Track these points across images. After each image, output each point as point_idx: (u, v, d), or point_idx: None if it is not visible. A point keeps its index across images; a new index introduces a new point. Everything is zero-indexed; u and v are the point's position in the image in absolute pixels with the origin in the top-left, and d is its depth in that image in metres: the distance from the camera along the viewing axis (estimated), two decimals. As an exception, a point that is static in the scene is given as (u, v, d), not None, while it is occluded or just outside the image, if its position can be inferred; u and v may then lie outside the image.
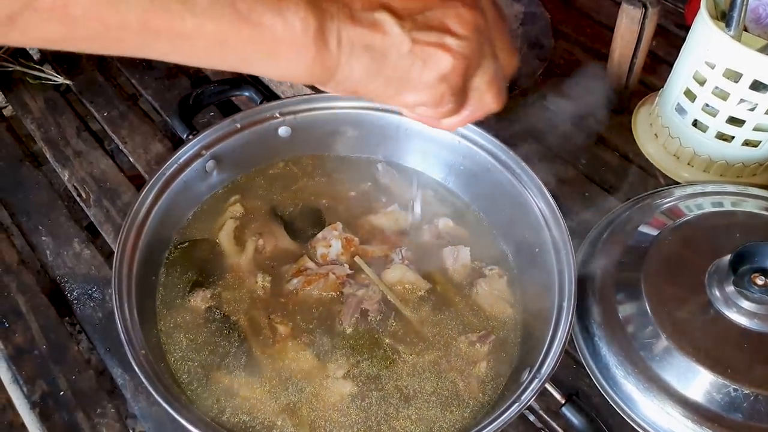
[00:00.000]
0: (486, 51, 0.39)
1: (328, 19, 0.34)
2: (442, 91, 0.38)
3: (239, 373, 0.60)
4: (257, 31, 0.33)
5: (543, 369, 0.54)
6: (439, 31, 0.36)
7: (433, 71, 0.37)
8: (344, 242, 0.68)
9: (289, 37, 0.34)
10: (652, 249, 0.68)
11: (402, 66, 0.37)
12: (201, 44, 0.33)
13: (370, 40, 0.35)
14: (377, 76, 0.37)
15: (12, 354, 0.68)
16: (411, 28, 0.36)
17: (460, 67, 0.37)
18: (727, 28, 0.73)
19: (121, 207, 0.80)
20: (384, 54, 0.36)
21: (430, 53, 0.36)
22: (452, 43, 0.37)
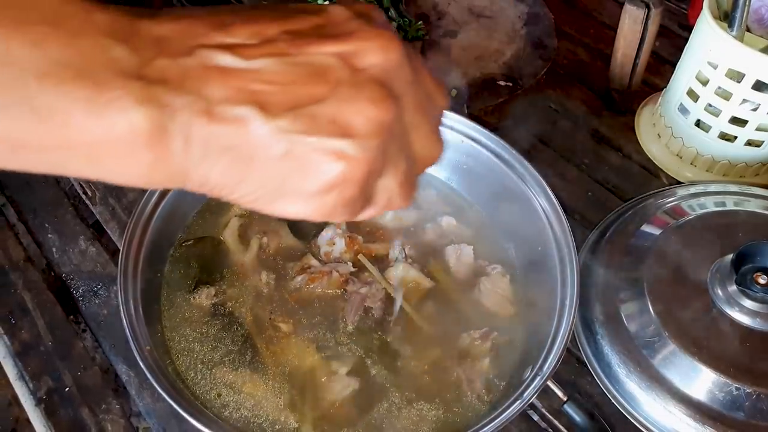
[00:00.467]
0: (395, 150, 0.30)
1: (169, 116, 0.26)
2: (332, 204, 0.29)
3: (243, 370, 0.61)
4: (62, 133, 0.25)
5: (545, 367, 0.54)
6: (329, 132, 0.28)
7: (316, 181, 0.28)
8: (348, 240, 0.69)
9: (111, 140, 0.26)
10: (654, 248, 0.68)
11: (275, 173, 0.28)
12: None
13: (230, 140, 0.27)
14: (244, 183, 0.28)
15: (18, 350, 0.69)
16: (288, 128, 0.27)
17: (356, 176, 0.29)
18: (730, 29, 0.73)
19: (126, 205, 0.81)
20: (249, 157, 0.28)
21: (312, 159, 0.28)
22: (346, 147, 0.28)
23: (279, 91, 0.27)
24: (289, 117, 0.27)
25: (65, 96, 0.25)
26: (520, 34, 0.96)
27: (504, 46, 0.94)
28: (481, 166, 0.72)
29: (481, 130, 0.71)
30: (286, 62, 0.28)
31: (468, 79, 0.89)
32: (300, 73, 0.28)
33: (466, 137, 0.72)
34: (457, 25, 0.98)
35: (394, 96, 0.29)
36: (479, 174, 0.72)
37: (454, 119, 0.72)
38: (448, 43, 0.95)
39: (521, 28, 0.97)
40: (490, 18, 0.99)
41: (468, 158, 0.73)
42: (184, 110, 0.26)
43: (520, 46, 0.94)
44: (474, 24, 0.98)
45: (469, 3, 1.01)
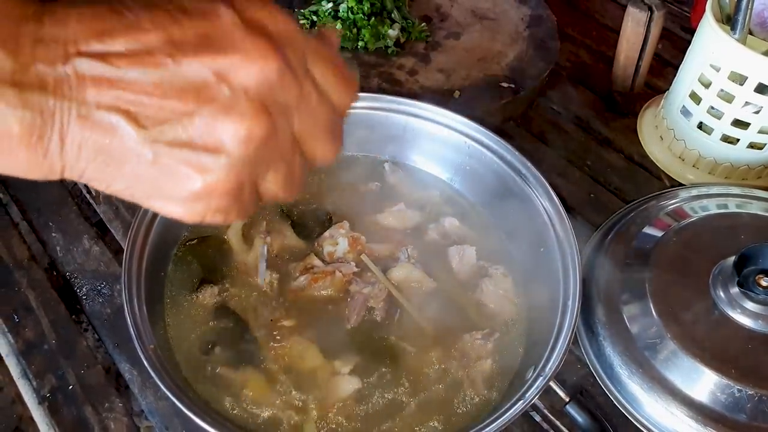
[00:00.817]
0: (274, 157, 0.32)
1: (46, 120, 0.28)
2: (202, 210, 0.31)
3: (246, 369, 0.61)
4: None
5: (547, 367, 0.55)
6: (195, 147, 0.29)
7: (183, 190, 0.30)
8: (351, 241, 0.69)
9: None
10: (656, 250, 0.68)
11: (145, 177, 0.30)
12: None
13: (102, 144, 0.29)
14: (117, 181, 0.30)
15: (22, 348, 0.69)
16: (157, 138, 0.29)
17: (220, 188, 0.30)
18: (732, 32, 0.73)
19: (130, 204, 0.79)
20: (121, 160, 0.29)
21: (178, 170, 0.30)
22: (209, 162, 0.30)
23: (151, 103, 0.29)
24: (157, 129, 0.29)
25: None
26: (523, 36, 0.96)
27: (507, 48, 0.94)
28: (484, 167, 0.72)
29: (483, 131, 0.71)
30: (162, 75, 0.29)
31: (471, 80, 0.89)
32: (174, 86, 0.29)
33: (469, 138, 0.72)
34: (460, 27, 0.98)
35: (269, 111, 0.30)
36: (482, 175, 0.73)
37: (457, 121, 0.73)
38: (451, 45, 0.95)
39: (524, 30, 0.97)
40: (493, 20, 0.99)
41: (471, 159, 0.73)
42: (59, 115, 0.28)
43: (523, 48, 0.94)
44: (477, 26, 0.98)
45: (472, 5, 1.02)
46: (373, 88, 0.87)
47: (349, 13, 0.92)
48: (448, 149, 0.74)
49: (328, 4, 0.94)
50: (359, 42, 0.91)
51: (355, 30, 0.92)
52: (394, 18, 0.94)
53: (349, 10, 0.92)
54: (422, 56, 0.93)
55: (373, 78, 0.88)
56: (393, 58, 0.92)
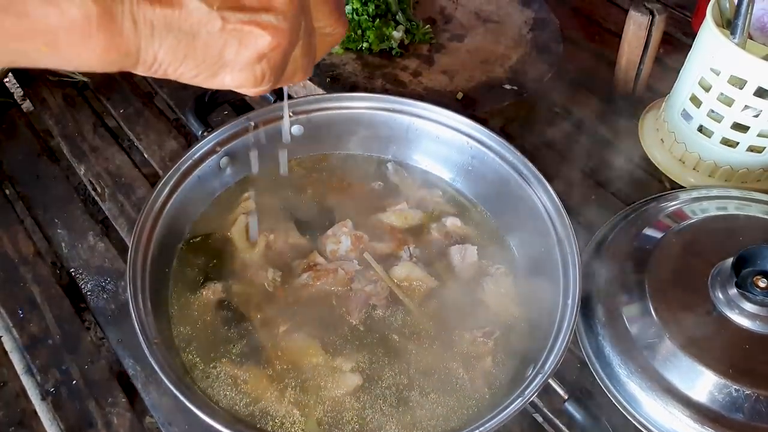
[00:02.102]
0: (302, 26, 0.36)
1: (116, 1, 0.30)
2: (263, 71, 0.35)
3: (248, 365, 0.61)
4: (24, 23, 0.29)
5: (547, 365, 0.55)
6: (254, 8, 0.33)
7: (250, 51, 0.34)
8: (353, 239, 0.69)
9: (67, 27, 0.29)
10: (656, 251, 0.69)
11: (215, 46, 0.33)
12: None
13: (172, 20, 0.31)
14: (188, 58, 0.33)
15: (26, 343, 0.70)
16: (221, 5, 0.32)
17: (281, 45, 0.34)
18: (732, 36, 0.74)
19: (135, 202, 0.82)
20: (192, 34, 0.32)
21: (245, 32, 0.33)
22: (270, 19, 0.33)
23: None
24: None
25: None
26: (526, 39, 0.97)
27: (510, 51, 0.95)
28: (486, 167, 0.73)
29: (486, 132, 0.72)
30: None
31: (474, 82, 0.90)
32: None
33: (472, 139, 0.73)
34: (464, 29, 0.99)
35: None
36: (484, 175, 0.73)
37: (460, 121, 0.73)
38: (455, 47, 0.96)
39: (527, 33, 0.98)
40: (496, 23, 1.00)
41: (473, 160, 0.74)
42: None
43: (526, 50, 0.95)
44: (481, 28, 0.99)
45: (476, 7, 1.02)
46: (377, 89, 0.87)
47: (354, 15, 0.93)
48: (451, 150, 0.75)
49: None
50: (364, 43, 0.92)
51: (360, 31, 0.92)
52: (399, 20, 0.95)
53: (354, 12, 0.93)
54: (426, 58, 0.94)
55: (378, 79, 0.89)
56: (397, 59, 0.93)
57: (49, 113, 0.92)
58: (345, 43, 0.92)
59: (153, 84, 0.98)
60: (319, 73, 0.88)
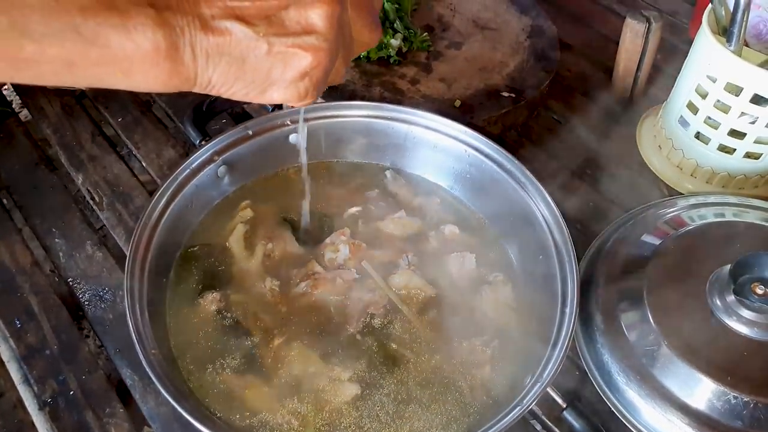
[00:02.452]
0: (342, 38, 0.40)
1: (179, 34, 0.35)
2: (306, 87, 0.39)
3: (247, 375, 0.61)
4: (105, 53, 0.34)
5: (545, 374, 0.55)
6: (296, 32, 0.37)
7: (294, 70, 0.38)
8: (352, 247, 0.69)
9: (140, 56, 0.34)
10: (654, 258, 0.69)
11: (262, 68, 0.38)
12: (48, 68, 0.33)
13: (224, 48, 0.36)
14: (239, 80, 0.38)
15: (24, 353, 0.70)
16: (266, 32, 0.37)
17: (322, 63, 0.38)
18: (728, 43, 0.74)
19: (133, 211, 0.82)
20: (242, 59, 0.37)
21: (289, 54, 0.37)
22: (312, 41, 0.37)
23: (252, 6, 0.36)
24: (264, 23, 0.37)
25: (103, 23, 0.33)
26: (524, 46, 0.97)
27: (508, 58, 0.95)
28: (484, 175, 0.73)
29: (484, 140, 0.72)
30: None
31: (472, 90, 0.90)
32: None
33: (470, 147, 0.73)
34: (462, 37, 0.99)
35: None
36: (482, 183, 0.73)
37: (458, 129, 0.73)
38: (453, 55, 0.96)
39: (525, 40, 0.98)
40: (494, 30, 1.00)
41: (471, 168, 0.74)
42: (187, 28, 0.35)
43: (524, 57, 0.95)
44: (478, 36, 0.99)
45: (474, 15, 1.03)
46: (375, 97, 0.88)
47: (350, 23, 0.93)
48: (449, 158, 0.75)
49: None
50: (361, 51, 0.92)
51: (357, 39, 0.92)
52: (397, 28, 0.95)
53: (351, 20, 0.93)
54: (424, 66, 0.94)
55: (376, 87, 0.89)
56: (395, 67, 0.93)
57: (47, 122, 0.92)
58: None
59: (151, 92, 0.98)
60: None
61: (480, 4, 1.05)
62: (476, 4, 1.05)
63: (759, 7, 0.84)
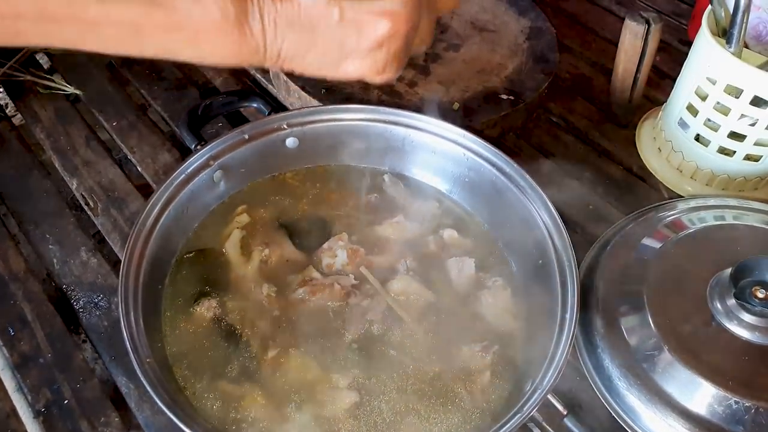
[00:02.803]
0: (424, 2, 0.37)
1: (248, 1, 0.33)
2: (384, 58, 0.36)
3: (243, 383, 0.61)
4: (173, 18, 0.32)
5: (545, 380, 0.54)
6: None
7: (369, 39, 0.35)
8: (350, 253, 0.69)
9: (208, 24, 0.33)
10: (654, 261, 0.68)
11: (335, 38, 0.35)
12: (112, 31, 0.32)
13: (293, 16, 0.34)
14: (310, 50, 0.35)
15: (17, 362, 0.69)
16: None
17: (401, 30, 0.35)
18: (728, 45, 0.74)
19: (128, 216, 0.81)
20: (312, 28, 0.34)
21: (363, 21, 0.35)
22: (386, 5, 0.35)
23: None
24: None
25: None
26: (523, 48, 0.97)
27: (506, 60, 0.95)
28: (483, 179, 0.72)
29: (482, 143, 0.71)
30: None
31: (470, 92, 0.89)
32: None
33: (468, 151, 0.72)
34: (460, 39, 0.98)
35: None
36: (481, 187, 0.73)
37: (456, 133, 0.73)
38: (451, 57, 0.95)
39: (523, 42, 0.98)
40: (492, 32, 1.00)
41: (470, 171, 0.73)
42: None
43: (523, 60, 0.95)
44: (477, 38, 0.99)
45: (472, 17, 1.02)
46: (373, 100, 0.87)
47: (347, 26, 0.92)
48: (447, 161, 0.75)
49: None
50: (358, 54, 0.92)
51: (354, 42, 0.92)
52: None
53: (348, 23, 0.93)
54: (422, 68, 0.93)
55: (373, 90, 0.89)
56: (391, 70, 0.92)
57: (40, 126, 0.91)
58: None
59: (146, 96, 0.97)
60: (314, 84, 0.88)
61: (478, 6, 1.04)
62: (474, 6, 1.04)
63: (759, 9, 0.84)
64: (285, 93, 0.91)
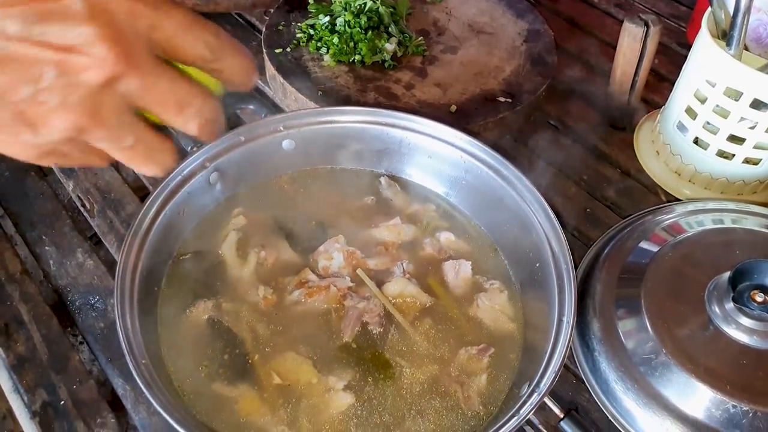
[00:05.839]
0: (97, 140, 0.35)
1: None
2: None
3: (239, 384, 0.60)
4: None
5: (542, 383, 0.54)
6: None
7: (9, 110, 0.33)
8: (346, 255, 0.69)
9: None
10: (652, 265, 0.68)
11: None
12: None
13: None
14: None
15: (13, 363, 0.69)
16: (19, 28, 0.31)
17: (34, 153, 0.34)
18: (728, 47, 0.74)
19: (124, 218, 0.81)
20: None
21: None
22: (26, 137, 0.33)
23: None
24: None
25: None
26: (520, 51, 0.97)
27: (504, 63, 0.95)
28: (480, 182, 0.72)
29: (480, 146, 0.71)
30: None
31: (468, 95, 0.89)
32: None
33: (465, 153, 0.72)
34: (458, 41, 0.98)
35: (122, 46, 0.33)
36: (478, 190, 0.73)
37: (453, 135, 0.73)
38: (448, 59, 0.95)
39: (521, 44, 0.98)
40: (490, 34, 1.00)
41: (467, 174, 0.73)
42: None
43: (520, 62, 0.95)
44: (474, 40, 0.99)
45: (470, 19, 1.02)
46: (370, 102, 0.87)
47: (346, 27, 0.93)
48: (445, 164, 0.74)
49: (325, 18, 0.94)
50: (356, 56, 0.92)
51: (352, 44, 0.92)
52: (391, 32, 0.95)
53: (346, 24, 0.93)
54: (419, 70, 0.93)
55: (370, 92, 0.89)
56: (390, 72, 0.92)
57: (38, 128, 0.91)
58: (337, 56, 0.91)
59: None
60: (311, 87, 0.88)
61: (476, 8, 1.04)
62: (472, 8, 1.04)
63: (759, 11, 0.84)
64: (281, 95, 0.91)
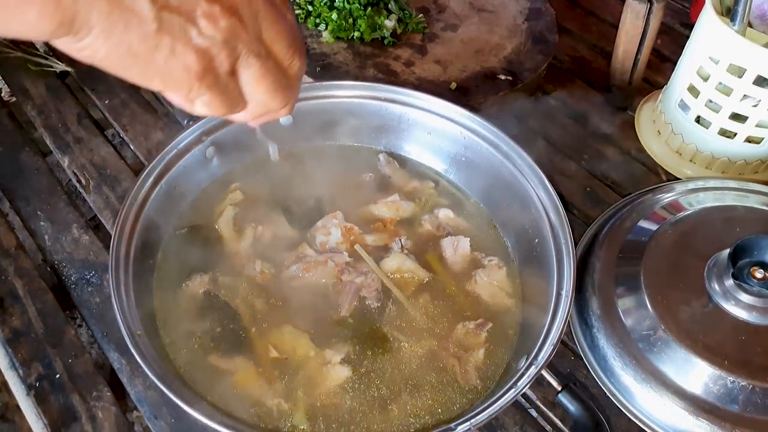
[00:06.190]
0: (243, 48, 0.36)
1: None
2: (190, 83, 0.35)
3: (236, 358, 0.60)
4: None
5: (540, 356, 0.54)
6: (187, 21, 0.33)
7: (177, 63, 0.34)
8: (344, 231, 0.68)
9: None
10: (651, 243, 0.67)
11: (145, 46, 0.33)
12: None
13: (113, 4, 0.31)
14: (118, 47, 0.32)
15: (9, 337, 0.68)
16: (162, 6, 0.32)
17: (201, 61, 0.34)
18: (732, 24, 0.73)
19: (120, 194, 0.80)
20: (126, 25, 0.31)
21: (176, 45, 0.33)
22: (196, 38, 0.33)
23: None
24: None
25: None
26: (521, 29, 0.96)
27: (505, 41, 0.94)
28: (480, 158, 0.71)
29: (480, 121, 0.70)
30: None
31: (468, 72, 0.88)
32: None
33: (465, 129, 0.71)
34: (458, 19, 0.97)
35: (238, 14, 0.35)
36: (477, 166, 0.72)
37: (454, 111, 0.72)
38: (449, 37, 0.94)
39: (522, 22, 0.97)
40: (491, 12, 0.99)
41: (466, 150, 0.72)
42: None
43: (521, 40, 0.94)
44: (475, 18, 0.97)
45: (470, -3, 1.01)
46: (369, 79, 0.86)
47: (345, 3, 0.91)
48: (444, 140, 0.74)
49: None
50: (355, 32, 0.91)
51: (351, 20, 0.91)
52: (391, 9, 0.94)
53: (345, 0, 0.91)
54: (419, 48, 0.92)
55: (369, 69, 0.88)
56: (389, 49, 0.91)
57: (31, 104, 0.90)
58: (336, 32, 0.90)
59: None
60: (309, 63, 0.86)
61: (477, -14, 1.03)
62: (473, -14, 1.03)
63: (762, -12, 0.83)
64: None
